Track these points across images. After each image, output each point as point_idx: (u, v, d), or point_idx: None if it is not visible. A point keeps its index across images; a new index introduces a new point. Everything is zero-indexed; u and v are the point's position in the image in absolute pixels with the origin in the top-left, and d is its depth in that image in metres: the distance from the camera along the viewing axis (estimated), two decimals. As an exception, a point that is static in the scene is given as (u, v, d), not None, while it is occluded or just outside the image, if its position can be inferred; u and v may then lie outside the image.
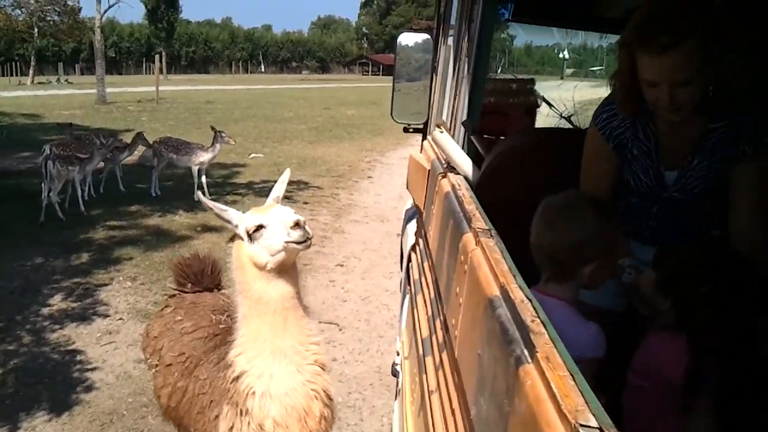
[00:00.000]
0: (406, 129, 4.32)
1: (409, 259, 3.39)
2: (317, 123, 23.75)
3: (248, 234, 2.23)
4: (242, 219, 2.28)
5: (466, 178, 2.36)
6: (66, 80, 51.39)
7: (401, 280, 4.18)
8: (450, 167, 2.42)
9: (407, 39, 4.16)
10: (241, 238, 2.28)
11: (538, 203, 2.00)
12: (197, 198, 2.31)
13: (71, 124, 12.15)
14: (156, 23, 67.81)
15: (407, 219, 4.26)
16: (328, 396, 2.40)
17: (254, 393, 2.26)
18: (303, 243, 2.19)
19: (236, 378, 2.30)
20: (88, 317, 5.87)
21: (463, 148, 2.53)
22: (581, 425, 0.74)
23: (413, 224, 3.62)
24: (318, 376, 2.36)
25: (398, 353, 3.40)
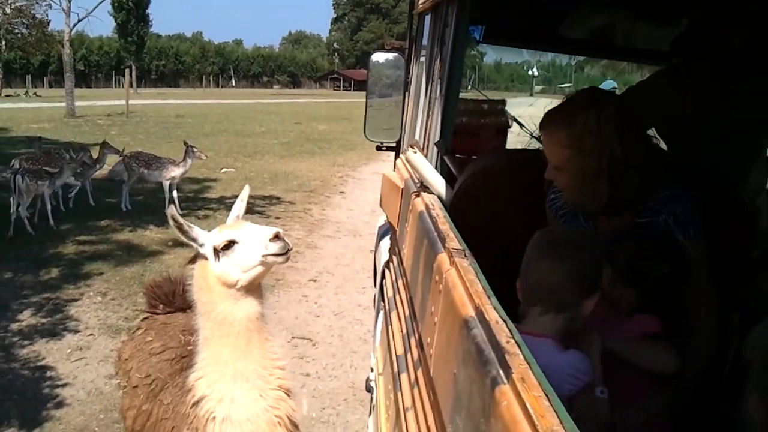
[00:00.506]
0: (379, 147, 4.36)
1: (383, 276, 3.41)
2: (289, 138, 23.69)
3: (216, 252, 2.19)
4: (208, 237, 2.24)
5: (440, 198, 2.39)
6: (34, 93, 50.72)
7: (375, 296, 4.20)
8: (423, 187, 2.46)
9: (380, 58, 4.22)
10: (205, 258, 2.24)
11: (511, 223, 2.05)
12: (168, 213, 2.26)
13: (40, 138, 12.04)
14: (126, 37, 67.35)
15: (380, 235, 4.29)
16: (293, 423, 2.32)
17: (215, 418, 2.19)
18: (283, 255, 2.16)
19: (196, 402, 2.23)
20: (58, 333, 5.81)
21: (436, 168, 2.57)
22: (556, 445, 0.77)
23: (386, 241, 3.64)
24: (282, 402, 2.28)
25: (372, 369, 3.42)
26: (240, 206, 2.43)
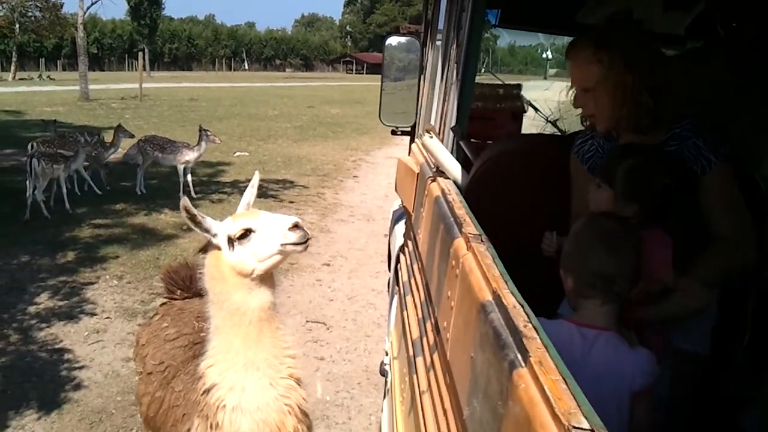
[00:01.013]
0: (394, 132, 4.36)
1: (398, 260, 3.42)
2: (302, 121, 23.71)
3: (231, 241, 2.17)
4: (222, 227, 2.23)
5: (456, 183, 2.40)
6: (48, 76, 50.94)
7: (389, 280, 4.22)
8: (439, 171, 2.46)
9: (395, 42, 4.21)
10: (217, 248, 2.22)
11: (527, 208, 2.05)
12: (181, 205, 2.24)
13: (55, 121, 12.09)
14: (139, 20, 67.54)
15: (395, 220, 4.30)
16: (303, 411, 2.32)
17: (225, 406, 2.19)
18: (303, 244, 2.15)
19: (207, 390, 2.22)
20: (75, 316, 5.87)
21: (452, 153, 2.57)
22: (574, 427, 0.78)
23: (401, 225, 3.65)
24: (292, 391, 2.28)
25: (387, 353, 3.42)
26: (251, 192, 2.42)
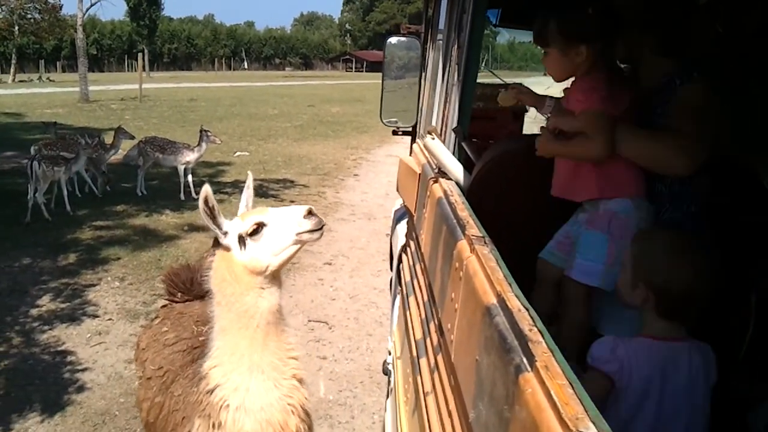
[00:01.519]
0: (395, 132, 4.37)
1: (400, 260, 3.41)
2: (302, 120, 23.69)
3: (242, 239, 2.15)
4: (231, 225, 2.20)
5: (458, 184, 2.40)
6: (48, 78, 50.88)
7: (391, 280, 4.21)
8: (441, 172, 2.47)
9: (396, 42, 4.21)
10: (226, 249, 2.19)
11: (529, 209, 2.05)
12: (201, 195, 2.22)
13: (56, 123, 12.09)
14: (138, 20, 67.54)
15: (396, 219, 4.30)
16: (305, 411, 2.32)
17: (228, 406, 2.19)
18: (318, 230, 2.16)
19: (210, 390, 2.22)
20: (78, 318, 5.88)
21: (454, 154, 2.57)
22: (581, 432, 0.79)
23: (403, 225, 3.65)
24: (295, 391, 2.28)
25: (389, 352, 3.43)
26: (248, 194, 2.41)
